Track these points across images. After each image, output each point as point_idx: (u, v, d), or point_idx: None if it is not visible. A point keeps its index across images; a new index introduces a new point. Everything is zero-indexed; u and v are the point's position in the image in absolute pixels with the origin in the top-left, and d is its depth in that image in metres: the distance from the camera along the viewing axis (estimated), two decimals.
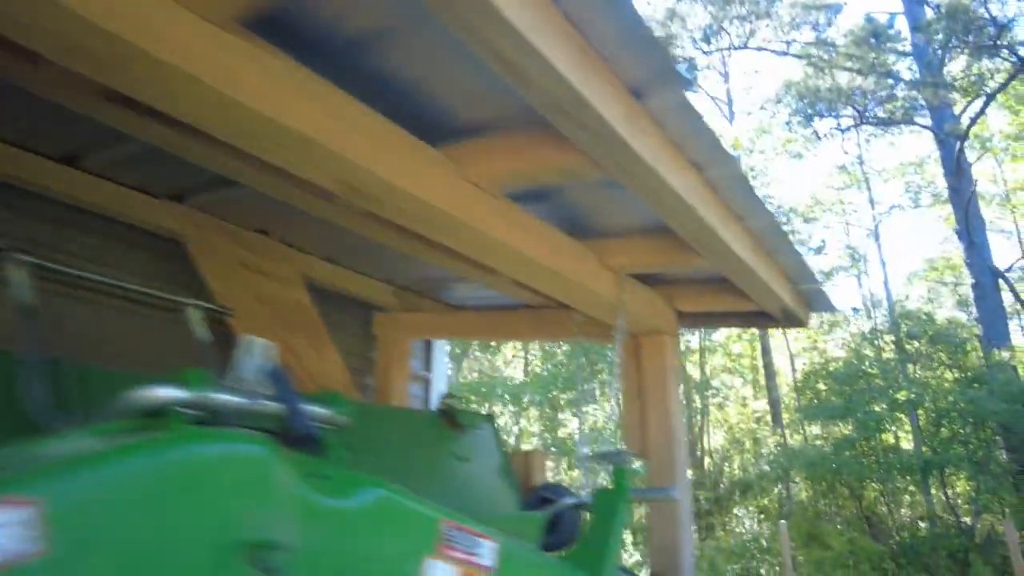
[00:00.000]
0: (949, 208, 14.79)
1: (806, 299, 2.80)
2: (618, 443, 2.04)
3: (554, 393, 13.64)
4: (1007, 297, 13.47)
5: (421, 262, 3.32)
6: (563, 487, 2.10)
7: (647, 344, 2.77)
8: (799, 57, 16.94)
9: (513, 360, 18.43)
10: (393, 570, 1.29)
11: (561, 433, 15.14)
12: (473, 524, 1.55)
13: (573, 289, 2.29)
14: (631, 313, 2.63)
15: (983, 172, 17.11)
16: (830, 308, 2.93)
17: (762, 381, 18.92)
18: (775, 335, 19.50)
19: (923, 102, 13.95)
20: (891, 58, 15.04)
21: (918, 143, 20.62)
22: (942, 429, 11.50)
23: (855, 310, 18.28)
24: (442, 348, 4.48)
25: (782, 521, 11.06)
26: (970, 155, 14.33)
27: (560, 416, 15.32)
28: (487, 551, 1.56)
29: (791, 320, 2.78)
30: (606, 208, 2.22)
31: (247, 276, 2.94)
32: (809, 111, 15.04)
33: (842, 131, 16.78)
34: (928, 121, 14.42)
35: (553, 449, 13.98)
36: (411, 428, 2.43)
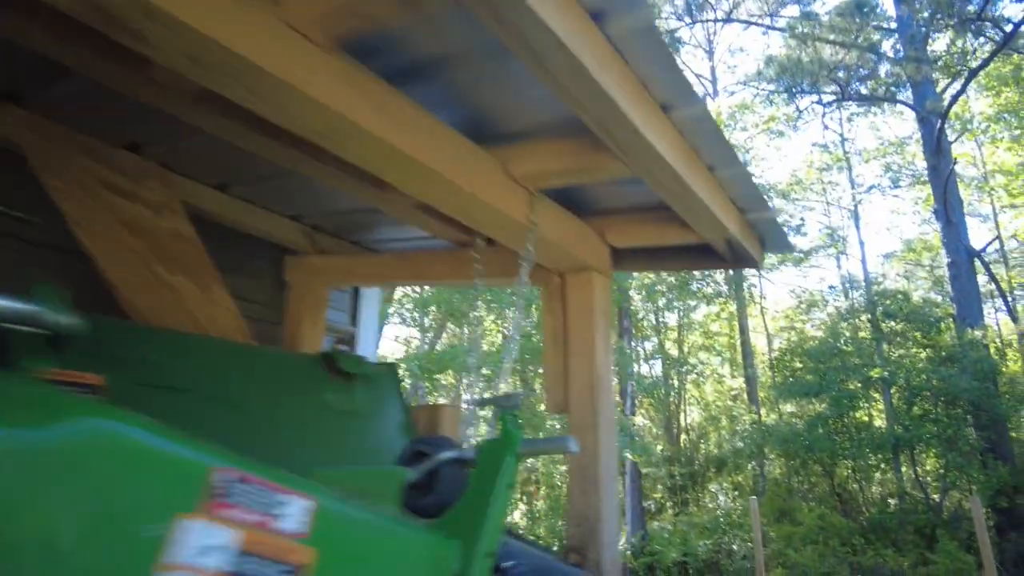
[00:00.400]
0: (928, 190, 14.63)
1: (758, 233, 2.42)
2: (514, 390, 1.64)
3: (520, 364, 13.35)
4: (982, 279, 13.40)
5: (330, 194, 2.90)
6: (444, 439, 1.72)
7: (573, 282, 2.38)
8: (783, 31, 16.57)
9: (491, 332, 18.10)
10: (108, 531, 0.90)
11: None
12: (279, 478, 1.16)
13: (469, 202, 1.88)
14: (554, 245, 2.24)
15: (963, 155, 16.96)
16: (786, 247, 2.55)
17: (739, 359, 18.88)
18: (753, 314, 19.37)
19: (906, 79, 13.69)
20: (876, 35, 14.73)
21: (899, 125, 20.43)
22: (914, 407, 11.48)
23: (831, 288, 18.19)
24: (373, 301, 4.07)
25: (753, 497, 10.95)
26: (951, 136, 14.13)
27: (537, 388, 15.04)
28: (295, 511, 1.17)
29: (740, 258, 2.40)
30: (510, 105, 1.81)
31: (111, 200, 2.50)
32: (790, 84, 14.69)
33: (824, 106, 16.51)
34: (910, 99, 14.17)
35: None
36: (279, 372, 2.04)
